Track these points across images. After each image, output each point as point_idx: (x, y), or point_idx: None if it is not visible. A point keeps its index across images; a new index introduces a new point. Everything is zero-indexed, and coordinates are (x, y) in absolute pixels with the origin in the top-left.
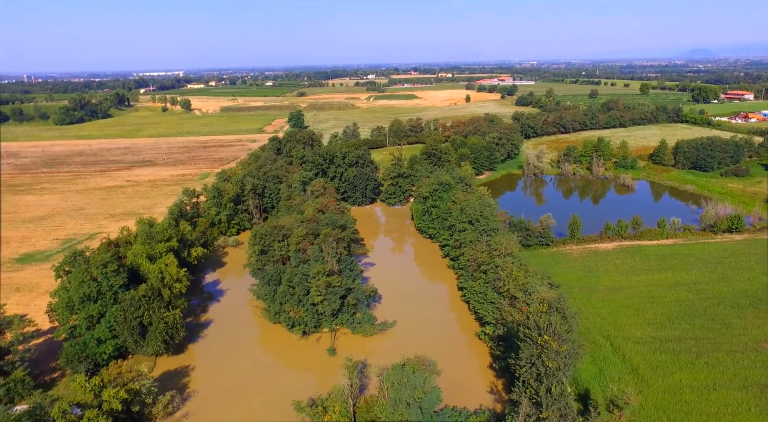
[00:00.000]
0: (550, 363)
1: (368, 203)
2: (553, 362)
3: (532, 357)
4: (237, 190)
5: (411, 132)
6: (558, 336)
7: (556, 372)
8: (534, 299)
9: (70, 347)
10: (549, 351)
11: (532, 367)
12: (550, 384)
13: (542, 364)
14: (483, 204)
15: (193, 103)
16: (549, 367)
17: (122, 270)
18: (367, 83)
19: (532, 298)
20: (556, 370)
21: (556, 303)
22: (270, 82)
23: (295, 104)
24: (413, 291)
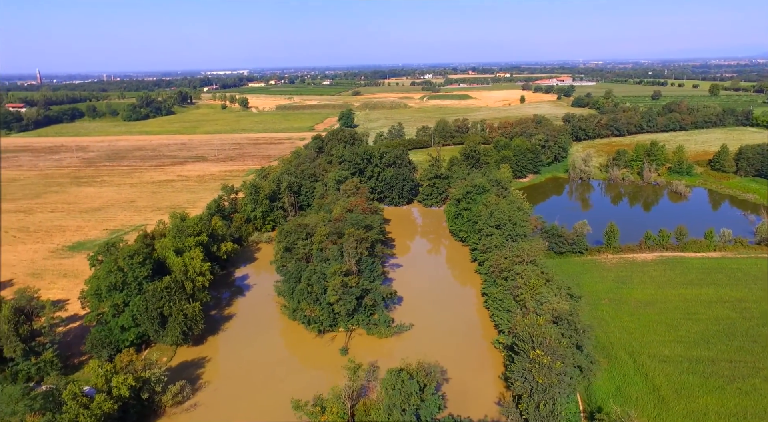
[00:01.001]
0: (541, 378)
1: (405, 204)
2: (544, 378)
3: (524, 372)
4: (273, 187)
5: (457, 132)
6: (552, 351)
7: (549, 388)
8: (544, 310)
9: (96, 333)
10: (540, 366)
11: (525, 382)
12: (539, 400)
13: (533, 379)
14: (514, 208)
15: (251, 101)
16: (539, 383)
17: (148, 261)
18: (422, 83)
19: (543, 309)
20: (548, 387)
21: (566, 316)
22: (327, 81)
23: (348, 103)
24: (437, 295)
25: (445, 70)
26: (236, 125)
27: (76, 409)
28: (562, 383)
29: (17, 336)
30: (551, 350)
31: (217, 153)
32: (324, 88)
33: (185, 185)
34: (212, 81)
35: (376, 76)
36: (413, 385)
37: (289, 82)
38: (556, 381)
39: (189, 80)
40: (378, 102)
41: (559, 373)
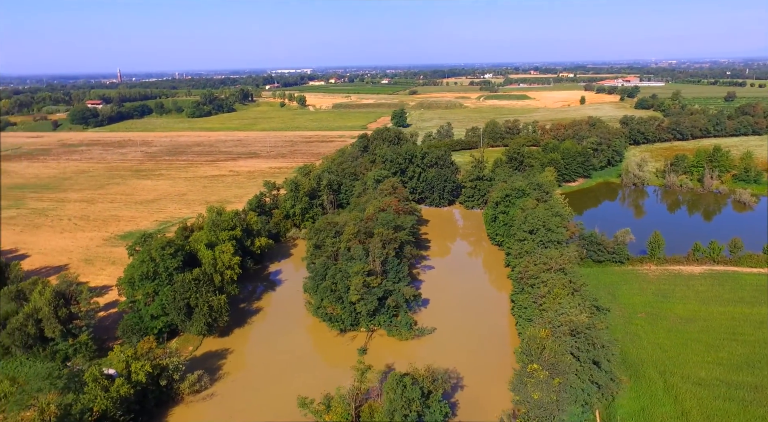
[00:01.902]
0: (536, 394)
1: (446, 205)
2: (538, 393)
3: (520, 386)
4: (313, 184)
5: (507, 134)
6: (552, 367)
7: (548, 405)
8: (561, 321)
9: (128, 319)
10: (537, 381)
11: (522, 396)
12: (535, 417)
13: (528, 395)
14: (552, 213)
15: (309, 99)
16: (535, 399)
17: (179, 253)
18: (481, 82)
19: (560, 320)
20: (546, 404)
21: (583, 328)
22: (386, 80)
23: (403, 102)
24: (465, 300)
25: (506, 69)
26: (292, 123)
27: (95, 391)
28: (562, 400)
29: (56, 318)
30: (550, 364)
31: (269, 150)
32: (381, 88)
33: (235, 180)
34: (275, 79)
35: (436, 76)
36: (415, 391)
37: (349, 81)
38: (554, 398)
39: (253, 78)
40: (433, 101)
41: (557, 390)
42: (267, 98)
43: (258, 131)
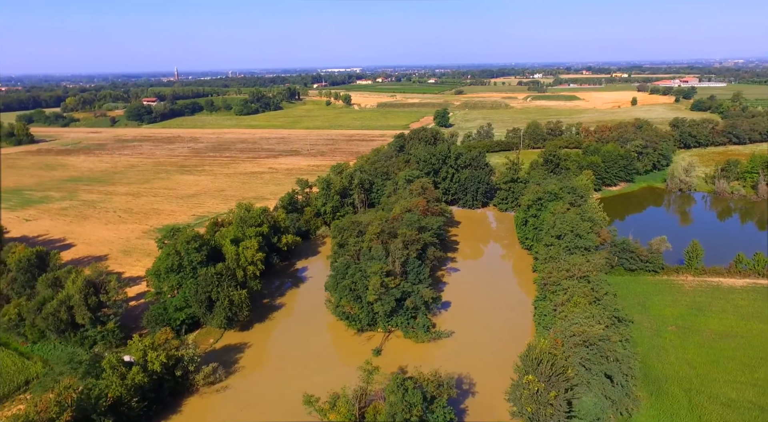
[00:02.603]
0: (529, 407)
1: (480, 207)
2: (533, 406)
3: (515, 398)
4: (345, 183)
5: (548, 135)
6: (547, 378)
7: (544, 418)
8: (574, 331)
9: (153, 310)
10: (531, 393)
11: (518, 408)
12: None
13: (522, 407)
14: (583, 218)
15: (355, 98)
16: (528, 411)
17: (204, 248)
18: (530, 82)
19: (572, 330)
20: (545, 417)
21: (596, 340)
22: (432, 80)
23: (448, 102)
24: (488, 304)
25: (557, 69)
26: (335, 121)
27: (112, 378)
28: (558, 413)
29: (86, 305)
30: (546, 377)
31: (310, 148)
32: (428, 87)
33: (273, 177)
34: (323, 78)
35: (484, 76)
36: (416, 395)
37: (396, 80)
38: (550, 411)
39: (302, 77)
40: (478, 101)
41: (552, 404)
42: (313, 97)
43: (301, 129)
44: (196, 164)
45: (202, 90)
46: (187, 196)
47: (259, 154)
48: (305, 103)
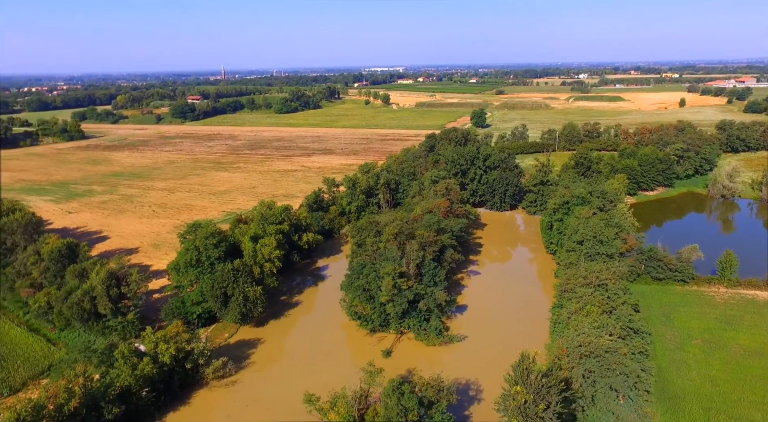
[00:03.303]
0: (515, 419)
1: (508, 209)
2: (519, 418)
3: (502, 409)
4: (371, 182)
5: (585, 137)
6: (537, 390)
7: None
8: (580, 341)
9: (171, 303)
10: (519, 404)
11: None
12: None
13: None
14: (608, 224)
15: (394, 97)
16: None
17: (222, 244)
18: (573, 83)
19: (578, 340)
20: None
21: (602, 351)
22: (473, 80)
23: (488, 102)
24: (505, 309)
25: (604, 69)
26: (372, 120)
27: (122, 368)
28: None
29: (108, 296)
30: (536, 388)
31: (344, 147)
32: (468, 87)
33: (305, 175)
34: (365, 77)
35: (527, 76)
36: (412, 400)
37: (438, 79)
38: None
39: (344, 76)
40: (518, 102)
41: (541, 417)
42: (353, 96)
43: (338, 128)
44: (232, 161)
45: (245, 88)
46: (219, 192)
47: (293, 152)
48: (344, 102)
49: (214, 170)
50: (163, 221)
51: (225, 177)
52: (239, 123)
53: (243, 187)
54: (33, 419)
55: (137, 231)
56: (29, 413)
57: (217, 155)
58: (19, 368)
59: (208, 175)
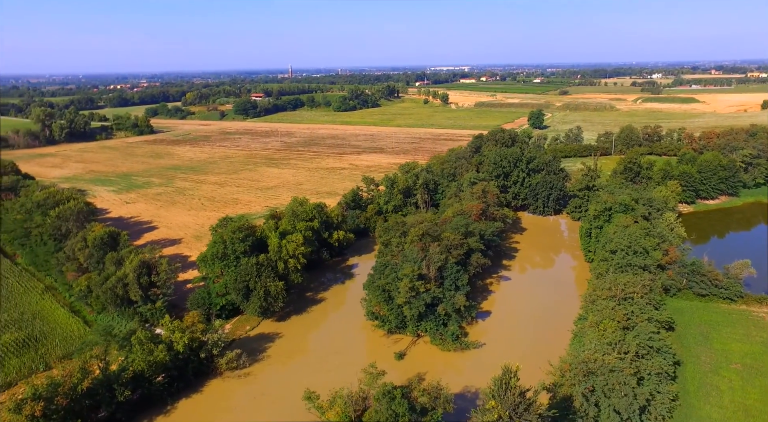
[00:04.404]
0: None
1: (551, 214)
2: None
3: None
4: (410, 182)
5: (645, 141)
6: (513, 407)
7: None
8: (584, 357)
9: (197, 294)
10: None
11: None
12: None
13: None
14: (648, 234)
15: (453, 97)
16: None
17: (248, 238)
18: (644, 83)
19: (582, 357)
20: None
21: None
22: (538, 79)
23: (550, 103)
24: (531, 318)
25: (681, 69)
26: (428, 120)
27: (137, 353)
28: None
29: (138, 284)
30: (512, 405)
31: (395, 146)
32: (531, 87)
33: (351, 173)
34: (427, 76)
35: (596, 75)
36: (402, 405)
37: (501, 79)
38: None
39: (406, 75)
40: (582, 103)
41: None
42: (413, 95)
43: (392, 127)
44: (284, 157)
45: (307, 86)
46: (266, 187)
47: (344, 150)
48: (403, 100)
49: (265, 166)
50: (209, 214)
51: (274, 173)
52: (297, 120)
53: (290, 183)
54: (49, 395)
55: (183, 223)
56: (45, 389)
57: (271, 151)
58: (56, 347)
59: (258, 170)
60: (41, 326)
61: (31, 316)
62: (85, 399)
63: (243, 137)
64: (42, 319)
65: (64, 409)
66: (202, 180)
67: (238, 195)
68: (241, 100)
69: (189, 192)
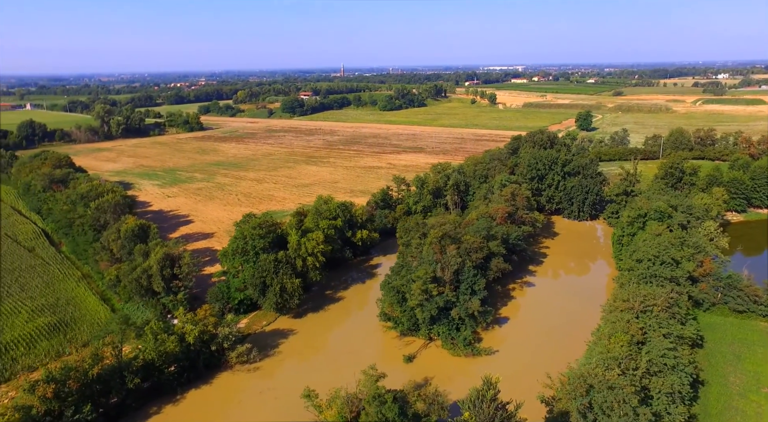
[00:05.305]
0: None
1: (587, 219)
2: None
3: None
4: (440, 183)
5: (696, 145)
6: (488, 421)
7: None
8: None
9: (217, 288)
10: None
11: None
12: None
13: None
14: (686, 244)
15: (502, 97)
16: None
17: (269, 235)
18: (708, 83)
19: (581, 371)
20: None
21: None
22: (592, 80)
23: (602, 104)
24: (551, 326)
25: (751, 68)
26: (473, 120)
27: (149, 343)
28: None
29: (161, 276)
30: (487, 418)
31: (436, 145)
32: (584, 87)
33: (388, 172)
34: (477, 76)
35: (656, 76)
36: (392, 410)
37: (554, 79)
38: None
39: (456, 75)
40: (635, 104)
41: None
42: (460, 94)
43: (435, 126)
44: (324, 156)
45: (356, 85)
46: (302, 185)
47: (384, 149)
48: (450, 100)
49: (305, 164)
50: (243, 209)
51: (312, 170)
52: (342, 119)
53: (326, 180)
54: (62, 378)
55: (218, 218)
56: (59, 372)
57: (312, 149)
58: (83, 333)
59: (297, 167)
60: (73, 312)
61: (66, 302)
62: (96, 384)
63: (287, 135)
64: (74, 305)
65: (76, 393)
66: (242, 176)
67: (274, 191)
68: (288, 98)
69: (228, 187)
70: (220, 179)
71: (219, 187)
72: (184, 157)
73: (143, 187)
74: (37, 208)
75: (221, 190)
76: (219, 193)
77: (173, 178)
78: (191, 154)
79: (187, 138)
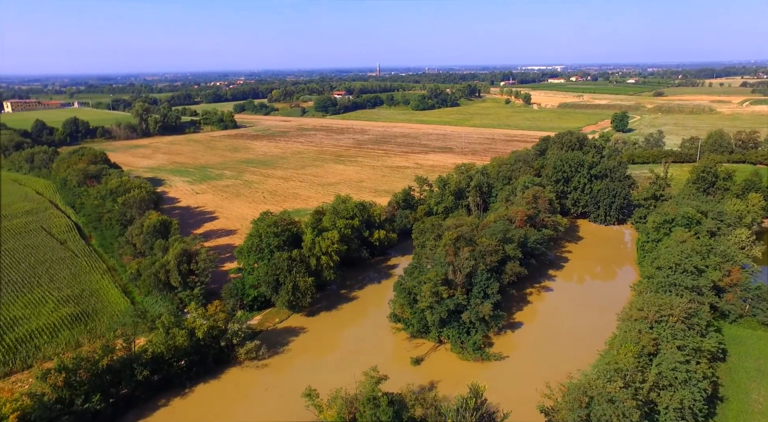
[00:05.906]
0: None
1: (614, 223)
2: None
3: None
4: (463, 184)
5: (737, 147)
6: None
7: None
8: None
9: (231, 284)
10: None
11: None
12: None
13: None
14: (714, 252)
15: (537, 97)
16: None
17: (283, 233)
18: (758, 84)
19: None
20: None
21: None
22: (632, 80)
23: (641, 104)
24: (565, 333)
25: None
26: (506, 120)
27: (160, 336)
28: None
29: (178, 271)
30: None
31: (465, 146)
32: (624, 87)
33: (414, 172)
34: (514, 76)
35: (701, 76)
36: (387, 413)
37: (593, 79)
38: None
39: (492, 74)
40: (676, 105)
41: None
42: (494, 94)
43: (467, 126)
44: (352, 155)
45: (390, 85)
46: (328, 183)
47: (413, 149)
48: (484, 100)
49: (333, 162)
50: (268, 207)
51: (339, 169)
52: (374, 118)
53: (351, 179)
54: (73, 367)
55: (242, 215)
56: (71, 362)
57: (341, 148)
58: (103, 324)
59: (325, 166)
60: (95, 303)
61: (89, 293)
62: (106, 375)
63: (318, 134)
64: (97, 297)
65: (86, 382)
66: (269, 174)
67: (299, 190)
68: (321, 97)
69: (255, 185)
70: (248, 176)
71: (246, 184)
72: (216, 154)
73: (174, 183)
74: (71, 202)
75: (248, 188)
76: (246, 190)
77: (203, 174)
78: (223, 152)
79: (221, 136)
